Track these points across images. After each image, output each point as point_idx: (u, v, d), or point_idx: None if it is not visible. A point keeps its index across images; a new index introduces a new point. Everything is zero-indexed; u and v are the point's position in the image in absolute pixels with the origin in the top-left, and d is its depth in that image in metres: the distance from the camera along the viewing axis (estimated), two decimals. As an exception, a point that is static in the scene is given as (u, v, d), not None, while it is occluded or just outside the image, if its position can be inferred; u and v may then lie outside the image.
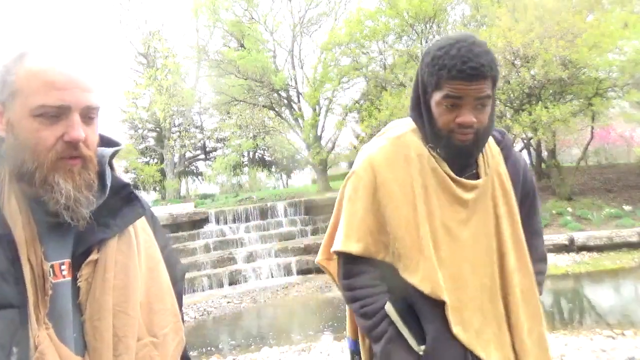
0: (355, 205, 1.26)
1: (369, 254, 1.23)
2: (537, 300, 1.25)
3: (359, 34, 15.22)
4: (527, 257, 1.25)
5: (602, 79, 11.06)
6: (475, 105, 1.13)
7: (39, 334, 0.82)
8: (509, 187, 1.27)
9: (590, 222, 10.13)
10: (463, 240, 1.20)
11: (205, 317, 7.79)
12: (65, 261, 0.92)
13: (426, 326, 1.18)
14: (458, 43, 1.12)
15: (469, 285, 1.18)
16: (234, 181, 22.26)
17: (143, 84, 22.86)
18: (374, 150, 1.28)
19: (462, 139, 1.16)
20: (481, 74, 1.10)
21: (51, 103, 0.86)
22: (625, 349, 4.11)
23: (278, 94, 17.34)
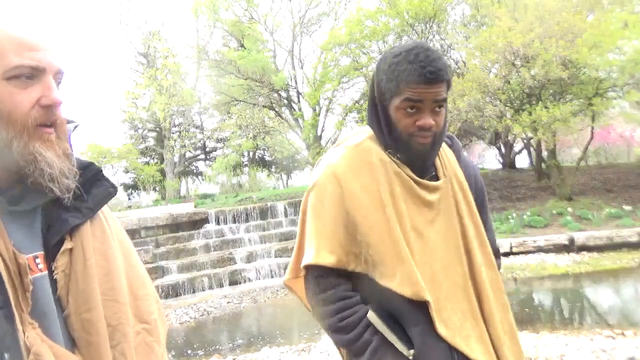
0: (322, 216, 1.23)
1: (341, 265, 1.21)
2: (504, 292, 1.31)
3: (359, 34, 15.23)
4: (490, 252, 1.31)
5: (602, 79, 11.06)
6: (433, 108, 1.18)
7: (28, 334, 0.76)
8: (466, 187, 1.32)
9: (590, 222, 10.13)
10: (432, 241, 1.22)
11: (205, 317, 7.79)
12: (38, 254, 0.84)
13: (411, 330, 1.17)
14: (414, 49, 1.16)
15: (444, 284, 1.20)
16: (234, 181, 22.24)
17: (143, 84, 22.88)
18: (335, 160, 1.27)
19: (422, 142, 1.19)
20: (439, 78, 1.15)
21: (27, 63, 0.79)
22: (625, 349, 4.11)
23: (278, 94, 17.35)
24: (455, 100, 11.49)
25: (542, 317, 6.11)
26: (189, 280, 9.61)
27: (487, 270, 1.27)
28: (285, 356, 5.04)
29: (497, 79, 11.26)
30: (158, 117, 22.17)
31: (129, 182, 24.45)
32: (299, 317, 7.41)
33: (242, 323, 7.56)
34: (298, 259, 1.32)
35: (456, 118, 11.64)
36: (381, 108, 1.24)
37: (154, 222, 11.75)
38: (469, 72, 11.83)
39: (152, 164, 23.17)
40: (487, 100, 11.48)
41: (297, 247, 1.34)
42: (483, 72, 11.75)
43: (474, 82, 11.30)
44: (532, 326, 5.43)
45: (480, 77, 11.34)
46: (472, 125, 13.18)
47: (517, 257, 9.06)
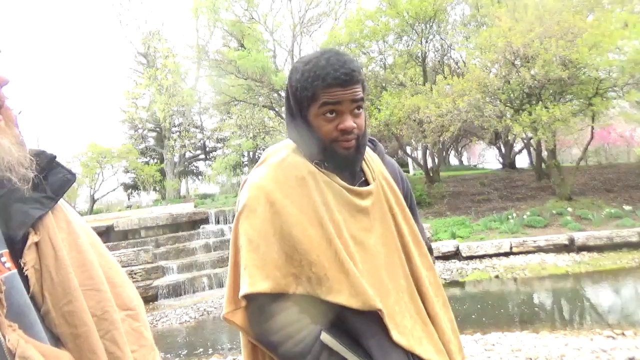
0: (254, 240, 1.16)
1: (280, 290, 1.14)
2: (443, 290, 1.31)
3: (359, 34, 15.22)
4: (427, 252, 1.31)
5: (602, 79, 11.06)
6: (352, 110, 1.16)
7: (9, 337, 0.70)
8: (396, 189, 1.31)
9: (590, 222, 10.13)
10: (372, 247, 1.20)
11: (205, 317, 7.79)
12: (3, 252, 0.77)
13: (366, 342, 1.14)
14: (324, 54, 1.16)
15: (390, 289, 1.18)
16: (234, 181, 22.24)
17: (143, 84, 22.90)
18: (261, 179, 1.21)
19: (346, 146, 1.17)
20: (354, 78, 1.14)
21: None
22: (625, 349, 4.11)
23: (278, 94, 17.34)
24: (455, 100, 11.50)
25: (542, 317, 6.12)
26: (189, 280, 9.61)
27: (425, 270, 1.27)
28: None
29: (497, 79, 11.26)
30: (158, 117, 22.18)
31: (129, 182, 24.47)
32: (299, 317, 7.40)
33: (242, 323, 7.56)
34: (234, 289, 1.23)
35: (456, 118, 11.64)
36: (300, 119, 1.20)
37: (154, 222, 11.75)
38: (469, 72, 11.83)
39: (152, 164, 23.18)
40: (487, 100, 11.48)
41: (232, 277, 1.25)
42: (483, 72, 11.76)
43: (474, 82, 11.31)
44: (532, 326, 5.43)
45: (480, 77, 11.34)
46: (472, 125, 13.18)
47: (517, 257, 9.06)
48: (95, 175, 19.41)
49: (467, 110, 11.33)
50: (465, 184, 15.09)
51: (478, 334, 5.02)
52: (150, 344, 0.92)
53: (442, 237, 10.30)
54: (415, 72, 15.65)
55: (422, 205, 13.07)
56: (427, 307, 1.24)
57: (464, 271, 8.70)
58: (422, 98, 12.50)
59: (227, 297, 1.25)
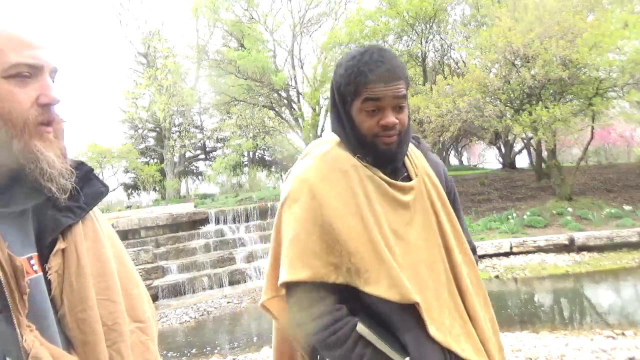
0: (295, 230, 1.19)
1: (320, 279, 1.16)
2: (484, 288, 1.30)
3: (359, 34, 15.23)
4: (468, 249, 1.31)
5: (602, 79, 11.06)
6: (394, 106, 1.17)
7: (26, 337, 0.74)
8: (439, 185, 1.31)
9: (590, 222, 10.13)
10: (413, 242, 1.21)
11: (205, 317, 7.79)
12: (32, 255, 0.82)
13: (402, 335, 1.15)
14: (368, 51, 1.18)
15: (429, 284, 1.18)
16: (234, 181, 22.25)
17: (143, 84, 22.87)
18: (305, 171, 1.24)
19: (387, 142, 1.19)
20: (396, 75, 1.15)
21: (26, 61, 0.79)
22: (625, 349, 4.11)
23: (278, 94, 17.35)
24: (455, 100, 11.50)
25: (542, 317, 6.11)
26: (189, 280, 9.61)
27: (466, 268, 1.26)
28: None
29: (497, 79, 11.26)
30: (158, 117, 22.17)
31: (129, 182, 24.47)
32: (299, 317, 7.40)
33: (242, 323, 7.56)
34: (273, 277, 1.25)
35: (456, 118, 11.64)
36: (344, 113, 1.23)
37: (154, 222, 11.75)
38: (469, 72, 11.83)
39: (152, 164, 23.16)
40: (487, 100, 11.48)
41: (272, 265, 1.27)
42: (483, 72, 11.76)
43: (474, 82, 11.31)
44: (532, 326, 5.43)
45: (480, 77, 11.34)
46: (472, 125, 13.18)
47: (517, 257, 9.06)
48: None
49: (467, 110, 11.33)
50: (465, 184, 15.08)
51: (478, 334, 5.01)
52: (154, 357, 0.95)
53: (442, 237, 10.30)
54: (416, 72, 15.67)
55: (422, 205, 13.04)
56: (466, 305, 1.23)
57: (464, 271, 8.69)
58: (422, 98, 12.50)
59: (266, 285, 1.28)
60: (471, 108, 11.31)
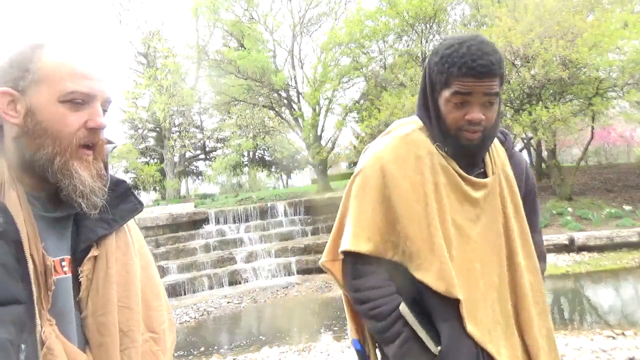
0: (363, 203, 1.23)
1: (377, 254, 1.21)
2: (545, 298, 1.28)
3: (359, 34, 15.22)
4: (534, 256, 1.27)
5: (602, 79, 11.06)
6: (483, 102, 1.15)
7: (44, 329, 0.82)
8: (515, 187, 1.29)
9: (590, 222, 10.13)
10: (473, 239, 1.21)
11: (205, 317, 7.79)
12: (65, 257, 0.92)
13: (439, 325, 1.17)
14: (467, 42, 1.14)
15: (480, 283, 1.19)
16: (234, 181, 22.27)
17: (143, 84, 22.87)
18: (382, 148, 1.26)
19: (470, 137, 1.17)
20: (491, 72, 1.12)
21: (81, 90, 0.89)
22: (625, 349, 4.11)
23: (278, 94, 17.34)
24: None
25: (542, 317, 6.11)
26: (189, 280, 9.61)
27: (528, 274, 1.24)
28: (285, 356, 5.03)
29: (497, 79, 11.25)
30: (158, 117, 22.16)
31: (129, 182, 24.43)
32: (299, 317, 7.41)
33: (242, 323, 7.56)
34: (335, 242, 1.31)
35: (456, 118, 11.63)
36: (432, 100, 1.22)
37: (154, 222, 11.75)
38: (469, 72, 11.81)
39: (152, 164, 23.17)
40: (487, 100, 11.47)
41: (336, 230, 1.33)
42: (483, 72, 11.73)
43: (474, 82, 11.29)
44: (532, 326, 5.42)
45: (480, 77, 11.32)
46: (472, 125, 13.16)
47: (517, 257, 9.05)
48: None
49: (467, 110, 11.32)
50: (465, 184, 15.06)
51: (478, 334, 5.01)
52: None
53: (442, 237, 10.30)
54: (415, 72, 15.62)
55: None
56: (521, 312, 1.22)
57: (464, 271, 8.70)
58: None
59: (328, 247, 1.35)
60: (471, 108, 11.29)
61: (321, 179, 17.38)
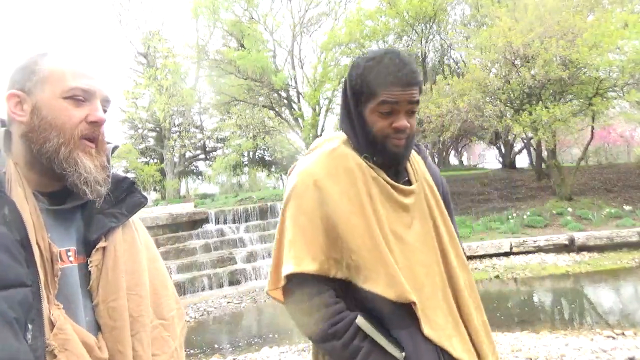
0: (302, 224, 1.21)
1: (324, 272, 1.19)
2: (477, 292, 1.34)
3: (359, 34, 15.23)
4: (463, 254, 1.34)
5: (602, 79, 11.06)
6: (407, 110, 1.21)
7: (53, 312, 0.88)
8: (436, 191, 1.35)
9: (590, 222, 10.13)
10: (411, 244, 1.24)
11: (205, 317, 7.79)
12: (71, 248, 0.98)
13: (398, 333, 1.18)
14: (387, 54, 1.20)
15: (425, 285, 1.22)
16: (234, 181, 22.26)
17: (143, 84, 22.88)
18: (311, 166, 1.26)
19: (397, 144, 1.21)
20: (414, 80, 1.19)
21: (81, 86, 0.97)
22: (625, 349, 4.11)
23: (278, 94, 17.35)
24: (455, 100, 11.50)
25: (542, 317, 6.12)
26: (189, 280, 9.61)
27: (461, 271, 1.30)
28: (285, 356, 5.04)
29: (497, 78, 11.26)
30: (158, 117, 22.16)
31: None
32: (299, 317, 7.41)
33: (242, 323, 7.56)
34: (278, 268, 1.27)
35: (456, 118, 11.64)
36: (356, 112, 1.25)
37: (154, 222, 11.74)
38: (469, 72, 11.83)
39: (152, 163, 23.16)
40: (487, 100, 11.48)
41: (276, 257, 1.30)
42: (483, 72, 11.75)
43: (474, 82, 11.31)
44: (532, 326, 5.43)
45: (480, 77, 11.34)
46: (472, 125, 13.18)
47: (517, 257, 9.06)
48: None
49: (467, 110, 11.34)
50: (465, 184, 15.08)
51: (478, 334, 5.00)
52: (171, 352, 1.07)
53: (442, 237, 10.29)
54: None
55: (422, 205, 13.04)
56: (460, 308, 1.26)
57: (464, 271, 8.70)
58: (422, 98, 12.47)
59: (272, 275, 1.31)
60: (471, 108, 11.31)
61: (321, 179, 17.34)
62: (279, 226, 1.30)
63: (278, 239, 1.30)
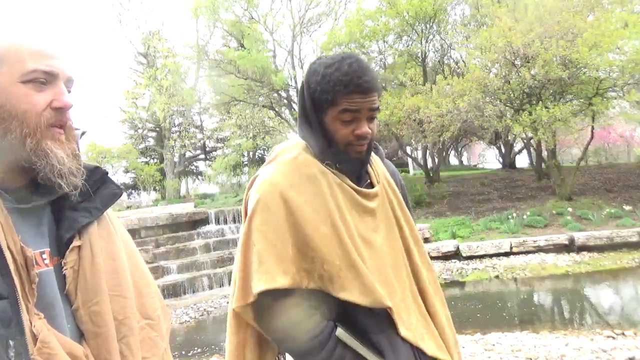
0: (269, 237, 1.17)
1: (297, 285, 1.16)
2: (440, 288, 1.37)
3: (359, 34, 15.22)
4: (426, 253, 1.36)
5: (602, 79, 11.05)
6: (368, 117, 1.20)
7: (34, 323, 0.79)
8: (397, 190, 1.36)
9: (590, 222, 10.13)
10: (379, 247, 1.24)
11: (205, 317, 7.79)
12: (45, 250, 0.88)
13: (375, 337, 1.19)
14: (345, 60, 1.17)
15: (396, 287, 1.22)
16: (234, 181, 22.24)
17: (143, 84, 22.88)
18: (274, 176, 1.22)
19: (359, 150, 1.21)
20: (374, 87, 1.17)
21: (42, 68, 0.86)
22: (625, 349, 4.11)
23: (278, 93, 17.34)
24: (455, 100, 11.49)
25: (542, 317, 6.12)
26: (189, 280, 9.61)
27: (425, 270, 1.32)
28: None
29: (497, 78, 11.25)
30: (158, 117, 22.17)
31: (129, 182, 24.47)
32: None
33: (242, 323, 7.56)
34: (245, 283, 1.20)
35: (456, 118, 11.64)
36: (315, 120, 1.22)
37: (154, 222, 11.74)
38: (469, 72, 11.82)
39: (152, 163, 23.16)
40: (487, 100, 11.48)
41: (242, 272, 1.22)
42: (483, 72, 11.75)
43: (474, 82, 11.30)
44: (532, 326, 5.43)
45: (480, 77, 11.33)
46: (472, 125, 13.17)
47: (517, 257, 9.06)
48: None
49: (467, 110, 11.33)
50: (465, 184, 15.09)
51: (478, 334, 5.01)
52: (161, 354, 1.00)
53: (442, 237, 10.30)
54: (415, 72, 15.65)
55: (422, 205, 13.06)
56: (427, 305, 1.29)
57: (464, 271, 8.70)
58: (422, 98, 12.49)
59: (237, 292, 1.23)
60: (471, 108, 11.30)
61: (321, 179, 17.34)
62: (243, 239, 1.23)
63: (243, 252, 1.23)
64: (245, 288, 1.20)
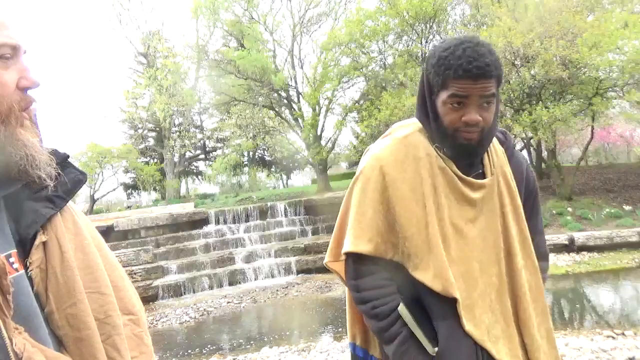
0: (364, 205, 1.25)
1: (379, 254, 1.24)
2: (544, 297, 1.29)
3: (359, 34, 15.22)
4: (533, 255, 1.28)
5: (602, 79, 11.05)
6: (480, 103, 1.15)
7: (15, 341, 0.68)
8: (514, 187, 1.29)
9: (590, 222, 10.12)
10: (471, 239, 1.22)
11: (205, 317, 7.79)
12: (11, 252, 0.75)
13: (437, 323, 1.20)
14: (463, 44, 1.14)
15: (479, 282, 1.20)
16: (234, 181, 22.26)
17: (143, 84, 22.89)
18: (381, 150, 1.28)
19: (467, 137, 1.18)
20: (486, 73, 1.12)
21: (7, 42, 0.73)
22: (625, 349, 4.11)
23: (278, 93, 17.34)
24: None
25: (542, 317, 6.10)
26: (189, 280, 9.61)
27: (527, 273, 1.25)
28: (285, 356, 5.03)
29: (497, 78, 11.24)
30: (158, 117, 22.18)
31: (129, 182, 24.48)
32: (299, 317, 7.41)
33: (242, 323, 7.56)
34: (337, 242, 1.35)
35: (456, 118, 11.63)
36: (430, 102, 1.23)
37: (154, 222, 11.75)
38: (469, 72, 11.80)
39: (152, 163, 23.18)
40: (487, 100, 11.46)
41: (338, 230, 1.36)
42: (483, 72, 11.73)
43: (474, 82, 11.28)
44: (532, 326, 5.41)
45: (480, 77, 11.32)
46: (472, 125, 13.16)
47: (517, 257, 9.04)
48: (95, 175, 19.42)
49: (467, 110, 11.32)
50: (465, 184, 15.05)
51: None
52: (150, 351, 0.92)
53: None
54: (415, 72, 15.64)
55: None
56: (519, 311, 1.23)
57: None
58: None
59: (330, 248, 1.39)
60: (471, 108, 11.29)
61: (321, 179, 17.37)
62: (345, 201, 1.35)
63: (342, 213, 1.35)
64: (338, 246, 1.34)
